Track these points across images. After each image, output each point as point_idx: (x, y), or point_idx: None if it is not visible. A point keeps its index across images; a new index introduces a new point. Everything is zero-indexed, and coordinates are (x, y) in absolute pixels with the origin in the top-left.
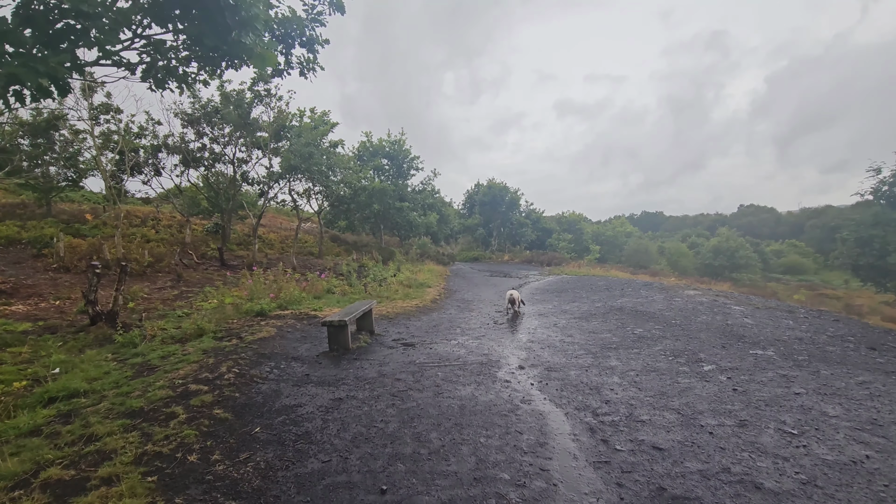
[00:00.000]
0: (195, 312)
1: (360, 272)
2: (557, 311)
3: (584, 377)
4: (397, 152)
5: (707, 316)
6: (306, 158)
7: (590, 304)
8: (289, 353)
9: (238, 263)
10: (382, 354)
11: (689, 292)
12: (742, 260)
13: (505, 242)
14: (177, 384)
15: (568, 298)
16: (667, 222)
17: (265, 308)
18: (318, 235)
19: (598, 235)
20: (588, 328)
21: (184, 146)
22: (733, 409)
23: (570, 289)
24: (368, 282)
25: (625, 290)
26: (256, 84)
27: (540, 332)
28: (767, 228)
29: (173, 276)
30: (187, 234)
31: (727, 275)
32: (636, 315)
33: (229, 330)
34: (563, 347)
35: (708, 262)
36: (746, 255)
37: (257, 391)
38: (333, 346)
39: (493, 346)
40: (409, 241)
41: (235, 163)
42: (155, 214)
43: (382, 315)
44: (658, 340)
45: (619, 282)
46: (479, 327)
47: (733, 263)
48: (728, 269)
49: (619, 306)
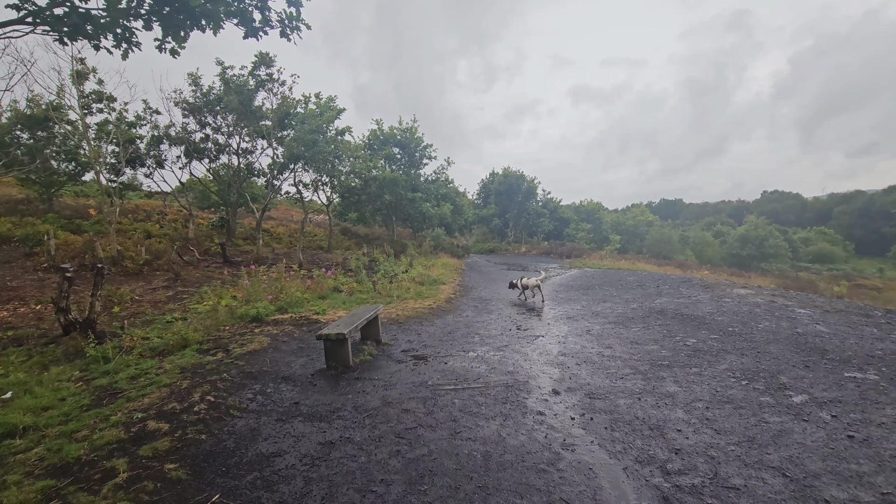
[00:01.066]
0: (186, 317)
1: (371, 267)
2: (588, 314)
3: (639, 409)
4: (409, 140)
5: (769, 322)
6: (310, 146)
7: (624, 304)
8: (279, 372)
9: (242, 259)
10: (389, 372)
11: (738, 291)
12: (772, 249)
13: (521, 233)
14: (134, 420)
15: (597, 297)
16: (686, 210)
17: (261, 312)
18: (328, 229)
19: (618, 225)
20: (628, 337)
21: (186, 137)
22: (864, 473)
23: (598, 285)
24: (379, 278)
25: (661, 288)
26: (258, 68)
27: (572, 341)
28: (793, 215)
29: (171, 275)
30: (191, 230)
31: (755, 265)
32: (683, 320)
33: (218, 340)
34: (603, 363)
35: (735, 251)
36: (776, 244)
37: (230, 430)
38: (331, 362)
39: (518, 359)
40: (422, 233)
41: (240, 153)
42: (162, 209)
43: (392, 319)
44: (720, 355)
45: (650, 277)
46: (500, 334)
47: (762, 253)
48: (757, 258)
49: (660, 308)
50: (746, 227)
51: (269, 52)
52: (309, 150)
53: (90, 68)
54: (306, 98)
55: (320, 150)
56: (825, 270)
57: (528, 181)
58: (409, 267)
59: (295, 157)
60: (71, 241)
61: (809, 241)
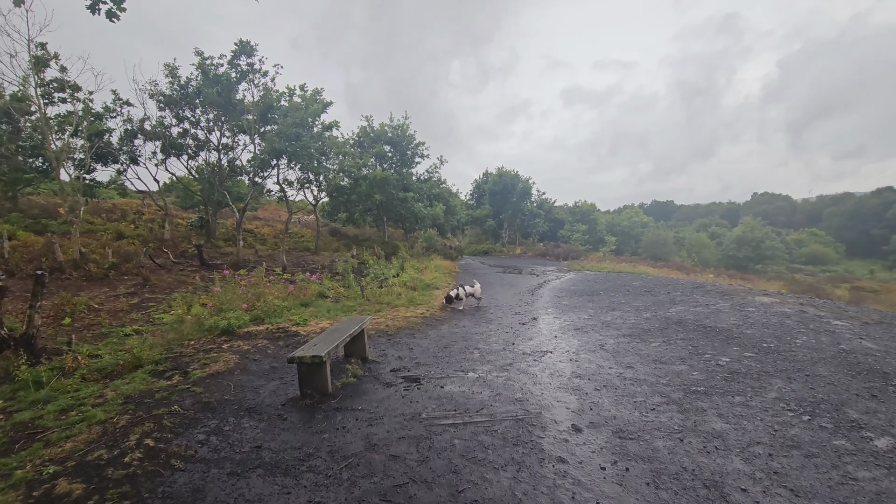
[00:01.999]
0: (144, 329)
1: (360, 271)
2: (598, 325)
3: (683, 455)
4: (400, 138)
5: (807, 336)
6: (293, 141)
7: (636, 314)
8: (243, 401)
9: (222, 262)
10: (376, 399)
11: (760, 299)
12: (768, 251)
13: (516, 234)
14: (43, 477)
15: (604, 305)
16: (678, 211)
17: (233, 324)
18: (315, 229)
19: (613, 226)
20: (650, 354)
21: (163, 131)
22: None
23: (602, 290)
24: (368, 282)
25: (672, 295)
26: (238, 58)
27: (585, 358)
28: (783, 217)
29: (140, 280)
30: (167, 230)
31: (752, 267)
32: (707, 334)
33: (178, 358)
34: (627, 389)
35: (731, 253)
36: (773, 246)
37: (165, 493)
38: (306, 389)
39: (526, 382)
40: (414, 234)
41: (221, 150)
42: (140, 208)
43: (381, 330)
44: (763, 379)
45: (657, 282)
46: (502, 349)
47: (759, 255)
48: (753, 260)
49: (678, 318)
50: (742, 229)
51: (251, 41)
52: (292, 146)
53: (51, 54)
54: (291, 90)
55: (304, 146)
56: (819, 272)
57: (523, 181)
58: (401, 270)
59: (277, 153)
60: (31, 243)
61: (802, 242)
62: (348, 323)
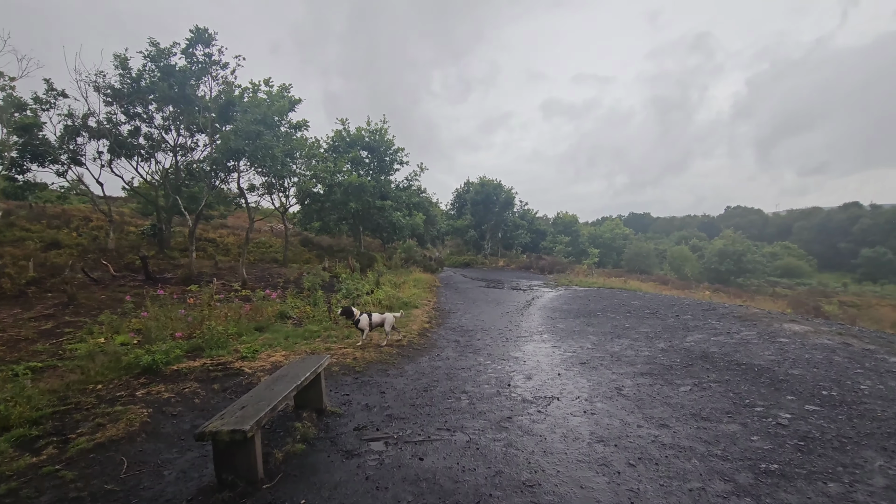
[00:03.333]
0: (50, 365)
1: (332, 285)
2: (606, 357)
3: None
4: (378, 143)
5: (871, 380)
6: (253, 140)
7: (647, 342)
8: (131, 496)
9: (173, 276)
10: (329, 484)
11: (790, 326)
12: (750, 264)
13: (498, 245)
14: None
15: (606, 329)
16: (655, 224)
17: (158, 359)
18: (284, 239)
19: (595, 238)
20: (682, 403)
21: (110, 129)
22: None
23: (599, 310)
24: (339, 299)
25: (682, 318)
26: (193, 46)
27: (602, 409)
28: (756, 230)
29: (65, 298)
30: (111, 239)
31: (733, 280)
32: (744, 374)
33: (67, 414)
34: (671, 464)
35: (714, 266)
36: (753, 260)
37: None
38: (226, 475)
39: (533, 451)
40: (392, 244)
41: (177, 151)
42: (88, 214)
43: (346, 365)
44: (851, 451)
45: (657, 301)
46: (495, 393)
47: (740, 268)
48: (734, 273)
49: (701, 351)
50: (724, 242)
51: (209, 29)
52: (251, 145)
53: None
54: (255, 86)
55: (266, 146)
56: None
57: (506, 191)
58: (376, 286)
59: (234, 153)
60: None
61: (776, 255)
62: (300, 366)
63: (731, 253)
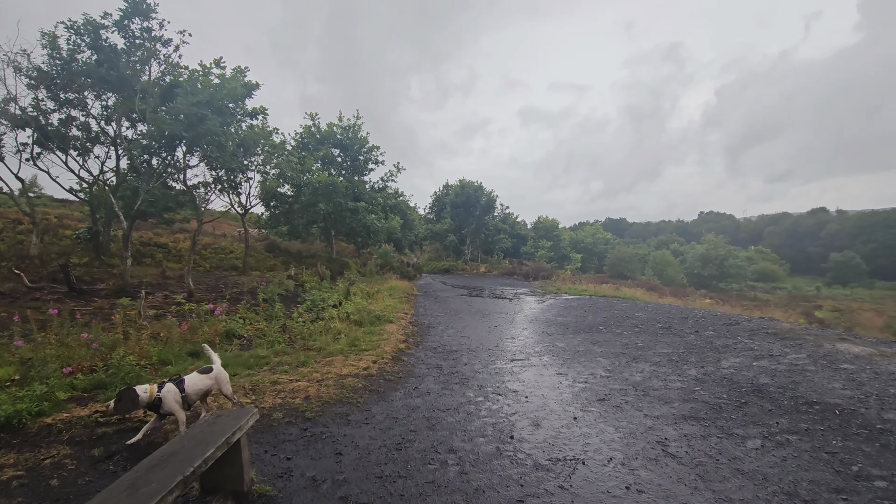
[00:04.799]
0: None
1: (296, 296)
2: (629, 391)
3: None
4: (352, 141)
5: None
6: (194, 124)
7: (673, 368)
8: None
9: (105, 287)
10: None
11: (848, 348)
12: (732, 269)
13: (478, 251)
14: None
15: (616, 349)
16: (631, 229)
17: (24, 409)
18: (245, 244)
19: (577, 242)
20: (762, 472)
21: (36, 117)
22: None
23: (600, 324)
24: (300, 314)
25: (704, 335)
26: (129, 18)
27: (650, 482)
28: (728, 235)
29: None
30: (33, 244)
31: (715, 284)
32: (825, 418)
33: None
34: None
35: (696, 271)
36: (735, 265)
37: None
38: None
39: None
40: (367, 249)
41: (118, 143)
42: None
43: (294, 408)
44: None
45: (663, 312)
46: (494, 453)
47: (722, 272)
48: (717, 278)
49: (750, 383)
50: (706, 247)
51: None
52: (192, 130)
53: None
54: (205, 68)
55: (211, 132)
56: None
57: (487, 193)
58: (346, 296)
59: (169, 140)
60: None
61: (752, 260)
62: (207, 431)
63: (714, 257)
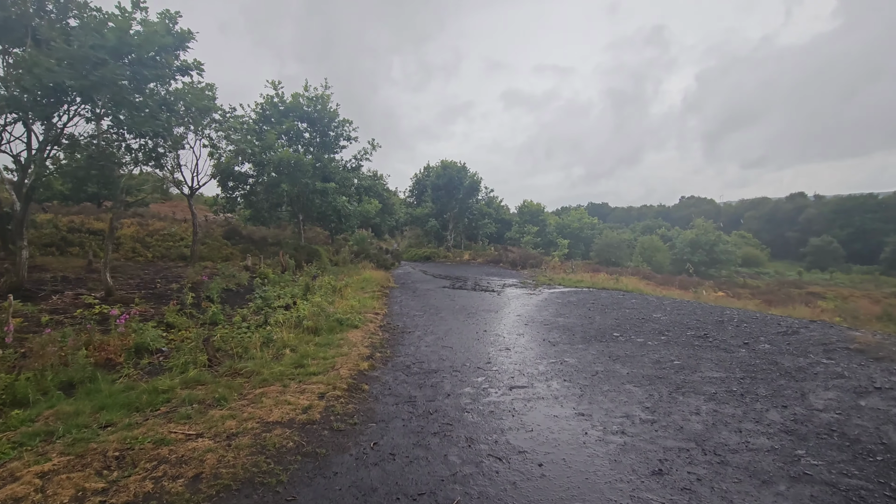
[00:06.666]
0: None
1: (244, 294)
2: (697, 456)
3: None
4: (320, 114)
5: None
6: (89, 70)
7: (742, 407)
8: None
9: None
10: None
11: None
12: (723, 255)
13: (461, 236)
14: None
15: (646, 370)
16: (612, 214)
17: None
18: (194, 229)
19: (563, 228)
20: None
21: None
22: None
23: (615, 328)
24: (244, 317)
25: (757, 348)
26: None
27: None
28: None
29: None
30: None
31: (704, 271)
32: None
33: None
34: None
35: (686, 257)
36: (725, 250)
37: None
38: None
39: None
40: (340, 235)
41: None
42: None
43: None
44: None
45: (686, 311)
46: None
47: (712, 258)
48: (706, 264)
49: (880, 443)
50: (696, 232)
51: None
52: (81, 80)
53: None
54: (123, 10)
55: (110, 80)
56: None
57: (471, 175)
58: (305, 293)
59: (53, 91)
60: None
61: (736, 245)
62: None
63: (704, 243)
